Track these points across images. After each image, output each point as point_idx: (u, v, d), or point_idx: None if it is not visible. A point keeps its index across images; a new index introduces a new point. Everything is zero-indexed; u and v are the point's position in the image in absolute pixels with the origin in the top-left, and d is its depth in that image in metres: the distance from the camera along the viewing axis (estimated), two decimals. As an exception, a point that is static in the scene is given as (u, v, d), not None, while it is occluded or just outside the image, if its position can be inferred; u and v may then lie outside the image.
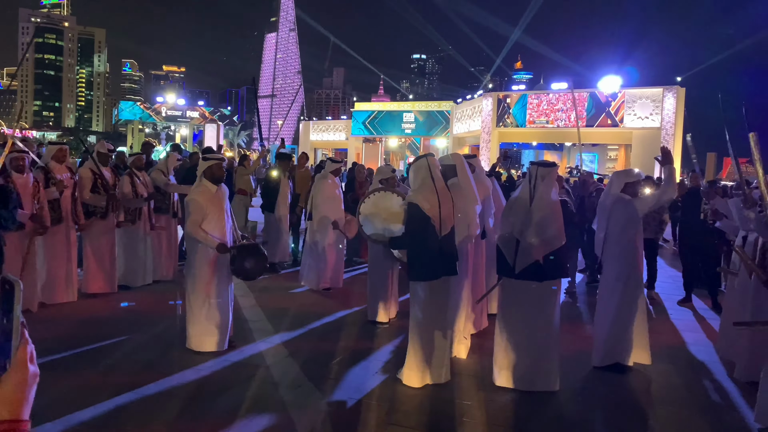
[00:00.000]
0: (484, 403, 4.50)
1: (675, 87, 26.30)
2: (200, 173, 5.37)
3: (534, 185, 4.76)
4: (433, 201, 4.63)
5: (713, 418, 4.42)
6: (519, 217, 4.75)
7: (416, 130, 38.70)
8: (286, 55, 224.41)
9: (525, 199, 4.78)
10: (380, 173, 6.63)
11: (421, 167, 4.77)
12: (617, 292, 5.25)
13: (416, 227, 4.63)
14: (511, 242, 4.75)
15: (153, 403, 4.24)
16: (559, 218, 4.75)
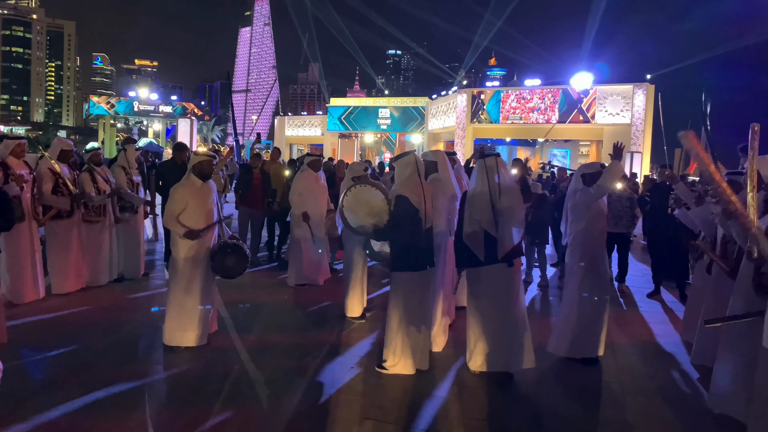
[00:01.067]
0: (460, 396, 4.57)
1: (645, 84, 26.75)
2: (190, 167, 5.43)
3: (492, 176, 4.86)
4: (420, 194, 4.83)
5: (679, 406, 4.56)
6: (486, 210, 4.83)
7: (392, 126, 38.74)
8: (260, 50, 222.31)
9: (485, 192, 4.85)
10: (352, 171, 6.68)
11: (409, 163, 4.94)
12: (581, 285, 5.39)
13: (405, 219, 4.75)
14: (479, 236, 4.85)
15: (126, 402, 4.21)
16: (522, 200, 4.99)
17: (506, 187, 4.88)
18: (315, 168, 8.23)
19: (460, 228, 5.05)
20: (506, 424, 4.14)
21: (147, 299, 7.06)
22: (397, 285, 4.88)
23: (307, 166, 8.19)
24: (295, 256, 8.09)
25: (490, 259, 4.85)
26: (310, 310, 6.88)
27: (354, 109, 40.27)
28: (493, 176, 4.87)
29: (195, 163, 5.40)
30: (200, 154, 5.51)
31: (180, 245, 5.29)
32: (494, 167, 4.90)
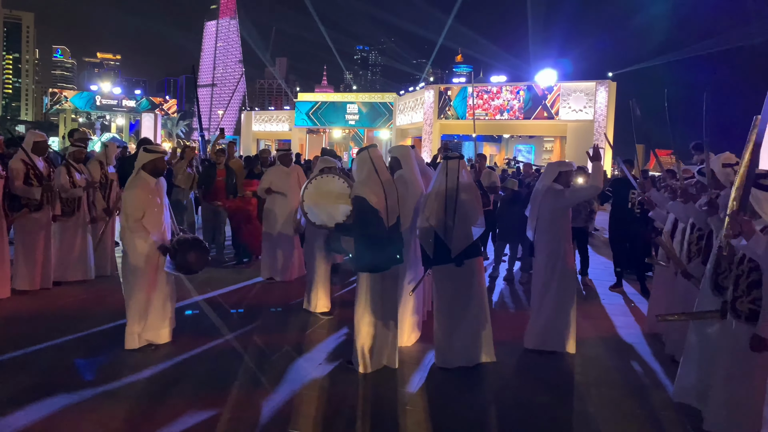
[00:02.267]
0: (427, 391, 4.60)
1: (607, 81, 27.30)
2: (139, 166, 5.18)
3: (452, 177, 4.91)
4: (379, 193, 4.68)
5: (642, 397, 4.67)
6: (438, 211, 4.89)
7: (360, 122, 38.70)
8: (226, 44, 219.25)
9: (442, 193, 4.91)
10: (323, 162, 6.67)
11: (364, 160, 4.79)
12: (548, 280, 5.49)
13: (364, 221, 4.65)
14: (430, 235, 4.93)
15: (90, 406, 4.13)
16: (480, 202, 5.11)
17: (464, 189, 4.92)
18: (285, 162, 8.14)
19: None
20: (472, 418, 4.19)
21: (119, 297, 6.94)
22: (362, 285, 4.83)
23: (278, 161, 8.13)
24: (265, 251, 8.07)
25: (439, 258, 4.92)
26: (278, 307, 6.84)
27: (322, 105, 40.09)
28: (453, 177, 4.90)
29: (148, 161, 5.17)
30: (154, 151, 5.28)
31: (137, 245, 5.08)
32: (456, 169, 4.93)
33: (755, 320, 3.52)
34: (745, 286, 3.66)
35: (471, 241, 4.94)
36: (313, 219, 5.70)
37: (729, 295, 3.80)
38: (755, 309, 3.55)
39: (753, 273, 3.60)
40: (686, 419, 4.20)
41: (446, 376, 4.94)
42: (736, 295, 3.72)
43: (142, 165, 5.17)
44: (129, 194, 5.04)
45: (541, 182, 5.70)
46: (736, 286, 3.73)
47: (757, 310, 3.53)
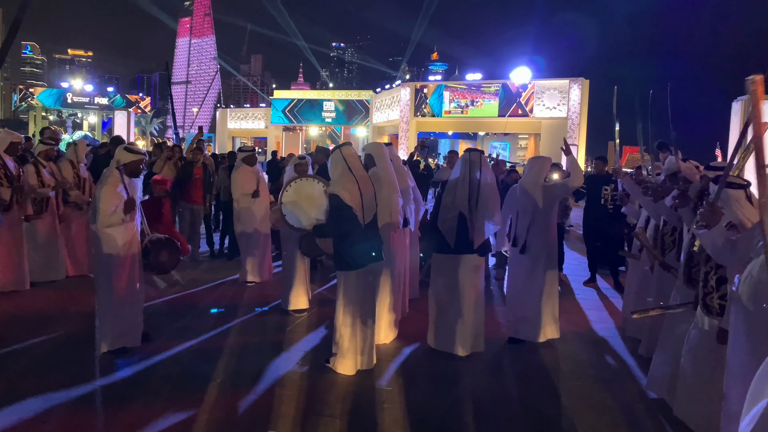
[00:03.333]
0: (404, 388, 4.63)
1: (580, 79, 27.65)
2: (118, 164, 5.07)
3: (477, 169, 5.18)
4: (354, 191, 4.68)
5: (615, 390, 4.75)
6: (464, 199, 5.13)
7: (336, 119, 38.64)
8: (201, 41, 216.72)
9: (466, 183, 5.16)
10: (295, 161, 6.69)
11: (337, 159, 4.80)
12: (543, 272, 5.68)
13: (339, 218, 4.66)
14: (453, 223, 5.17)
15: (64, 410, 4.07)
16: (499, 199, 5.37)
17: (486, 184, 5.19)
18: (250, 163, 8.05)
19: (434, 215, 5.31)
20: (448, 414, 4.23)
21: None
22: (341, 284, 4.85)
23: (242, 162, 8.04)
24: (242, 253, 8.02)
25: (460, 247, 5.18)
26: (255, 307, 6.80)
27: (298, 102, 39.91)
28: (475, 171, 5.16)
29: (130, 161, 5.10)
30: (136, 152, 5.21)
31: (111, 245, 4.97)
32: (477, 162, 5.21)
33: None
34: (713, 282, 3.75)
35: (487, 236, 5.24)
36: (292, 221, 5.69)
37: (700, 289, 3.89)
38: (724, 304, 3.63)
39: (720, 269, 3.69)
40: (659, 411, 4.30)
41: (422, 372, 4.99)
42: (706, 291, 3.80)
43: (122, 164, 5.07)
44: (102, 189, 4.94)
45: (529, 177, 5.73)
46: (706, 283, 3.81)
47: (725, 305, 3.61)
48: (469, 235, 5.16)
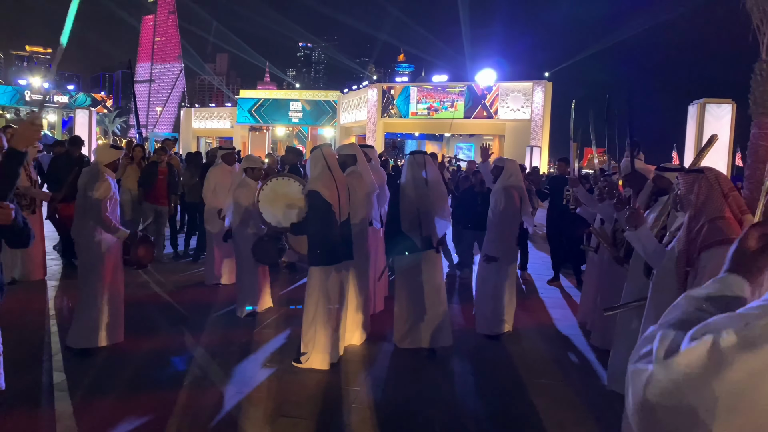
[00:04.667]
0: (372, 388, 4.66)
1: (543, 81, 28.13)
2: (104, 162, 5.09)
3: (423, 169, 5.38)
4: (333, 189, 4.86)
5: (579, 386, 4.88)
6: (414, 202, 5.30)
7: (303, 119, 38.47)
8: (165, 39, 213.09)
9: (412, 185, 5.34)
10: (247, 161, 6.68)
11: (318, 158, 4.96)
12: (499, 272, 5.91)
13: (318, 214, 4.80)
14: (415, 225, 5.32)
15: (32, 410, 3.98)
16: (446, 195, 5.62)
17: (433, 182, 5.36)
18: (229, 162, 7.97)
19: (396, 219, 5.39)
20: (415, 412, 4.27)
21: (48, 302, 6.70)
22: (314, 280, 4.92)
23: (221, 161, 7.97)
24: (208, 255, 7.93)
25: (423, 246, 5.34)
26: (222, 309, 6.74)
27: (264, 102, 39.61)
28: (420, 171, 5.33)
29: (115, 159, 5.17)
30: (119, 148, 5.30)
31: (91, 242, 4.99)
32: (422, 163, 5.37)
33: None
34: None
35: (442, 232, 5.41)
36: (269, 219, 5.72)
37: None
38: None
39: None
40: (620, 406, 4.41)
41: (389, 371, 5.04)
42: None
43: (107, 162, 5.09)
44: (98, 184, 4.92)
45: (507, 181, 5.96)
46: None
47: None
48: (423, 232, 5.32)
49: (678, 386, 1.04)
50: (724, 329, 1.02)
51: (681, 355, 1.06)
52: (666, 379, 1.06)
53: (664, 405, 1.06)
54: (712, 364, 1.00)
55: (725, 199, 2.99)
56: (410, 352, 5.43)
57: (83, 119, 20.19)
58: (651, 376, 1.10)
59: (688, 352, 1.04)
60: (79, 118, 20.56)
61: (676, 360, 1.06)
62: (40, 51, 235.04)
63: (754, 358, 0.96)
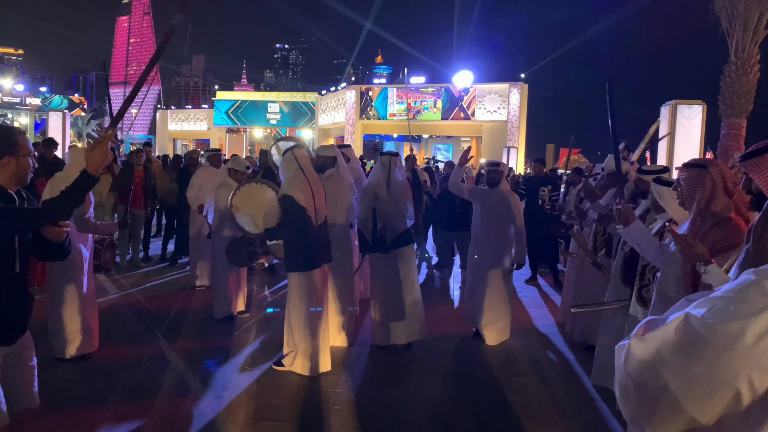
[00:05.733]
0: (353, 389, 4.67)
1: (519, 83, 28.39)
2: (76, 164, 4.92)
3: (389, 172, 5.51)
4: (307, 192, 4.76)
5: (558, 384, 4.94)
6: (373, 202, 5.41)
7: (281, 121, 38.26)
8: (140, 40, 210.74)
9: (374, 185, 5.49)
10: (233, 162, 6.68)
11: (290, 160, 4.85)
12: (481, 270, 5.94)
13: (292, 219, 4.69)
14: (368, 224, 5.46)
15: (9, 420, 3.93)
16: (410, 195, 5.71)
17: (396, 183, 5.44)
18: (215, 164, 7.89)
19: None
20: (396, 413, 4.30)
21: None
22: (294, 285, 4.86)
23: (208, 162, 7.92)
24: (191, 257, 7.86)
25: (376, 245, 5.46)
26: (201, 312, 6.68)
27: (242, 104, 39.33)
28: (386, 172, 5.45)
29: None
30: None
31: (79, 245, 4.89)
32: (388, 164, 5.48)
33: None
34: (651, 275, 3.93)
35: (399, 232, 5.46)
36: (243, 224, 5.67)
37: (636, 282, 4.10)
38: None
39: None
40: (602, 402, 4.49)
41: (370, 373, 5.05)
42: (643, 284, 3.99)
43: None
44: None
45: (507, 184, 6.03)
46: (643, 276, 3.99)
47: None
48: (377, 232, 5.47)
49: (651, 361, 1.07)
50: (697, 309, 1.05)
51: (657, 331, 1.09)
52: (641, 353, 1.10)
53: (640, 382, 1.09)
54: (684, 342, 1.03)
55: (730, 196, 2.85)
56: (390, 353, 5.46)
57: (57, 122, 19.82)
58: (628, 350, 1.13)
59: (664, 329, 1.08)
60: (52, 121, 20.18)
61: (652, 335, 1.10)
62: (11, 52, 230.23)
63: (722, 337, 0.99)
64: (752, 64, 10.88)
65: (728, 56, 11.09)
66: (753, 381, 0.97)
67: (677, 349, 1.04)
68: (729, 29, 10.95)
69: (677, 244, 2.62)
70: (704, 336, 1.01)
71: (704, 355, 0.99)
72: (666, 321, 1.10)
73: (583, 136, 9.06)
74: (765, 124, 13.34)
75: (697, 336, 1.01)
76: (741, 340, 0.97)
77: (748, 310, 0.98)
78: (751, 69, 10.87)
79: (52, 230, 2.57)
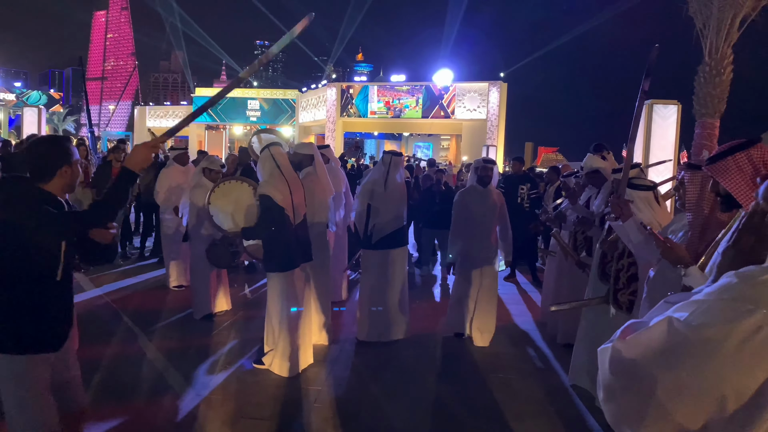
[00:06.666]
0: (333, 387, 4.69)
1: (499, 82, 28.57)
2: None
3: (388, 170, 5.62)
4: (285, 190, 4.71)
5: (537, 380, 5.01)
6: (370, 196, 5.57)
7: (261, 118, 38.01)
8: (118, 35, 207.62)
9: (381, 182, 5.61)
10: (206, 161, 6.63)
11: (267, 159, 4.80)
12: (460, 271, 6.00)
13: (270, 218, 4.64)
14: (363, 220, 5.61)
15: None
16: (405, 196, 5.79)
17: (393, 183, 5.59)
18: (182, 162, 7.89)
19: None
20: (376, 410, 4.33)
21: None
22: (273, 285, 4.83)
23: (174, 161, 7.86)
24: (165, 256, 7.80)
25: (366, 242, 5.60)
26: (179, 312, 6.65)
27: (221, 100, 39.02)
28: (385, 170, 5.61)
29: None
30: None
31: None
32: (389, 163, 5.66)
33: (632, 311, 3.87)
34: (625, 279, 4.01)
35: (388, 232, 5.57)
36: (220, 223, 5.63)
37: (611, 285, 4.16)
38: (634, 300, 3.89)
39: (632, 267, 3.95)
40: (580, 400, 4.55)
41: (350, 370, 5.09)
42: (617, 287, 4.06)
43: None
44: None
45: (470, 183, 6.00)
46: (617, 279, 4.07)
47: (634, 300, 3.88)
48: (369, 228, 5.60)
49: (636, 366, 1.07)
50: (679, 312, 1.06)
51: (640, 335, 1.10)
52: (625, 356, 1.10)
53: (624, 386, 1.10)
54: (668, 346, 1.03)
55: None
56: (371, 351, 5.49)
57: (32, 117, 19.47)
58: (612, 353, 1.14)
59: (647, 332, 1.08)
60: (27, 117, 19.80)
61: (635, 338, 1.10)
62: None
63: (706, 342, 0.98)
64: (725, 65, 11.07)
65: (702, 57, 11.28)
66: (738, 386, 0.96)
67: (662, 354, 1.03)
68: (703, 30, 11.14)
69: (659, 247, 2.65)
70: (688, 341, 1.00)
71: (689, 361, 0.99)
72: (649, 324, 1.10)
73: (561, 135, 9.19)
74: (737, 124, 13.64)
75: (681, 341, 1.01)
76: (725, 346, 0.96)
77: (731, 315, 0.97)
78: (724, 70, 11.07)
79: (99, 232, 2.68)
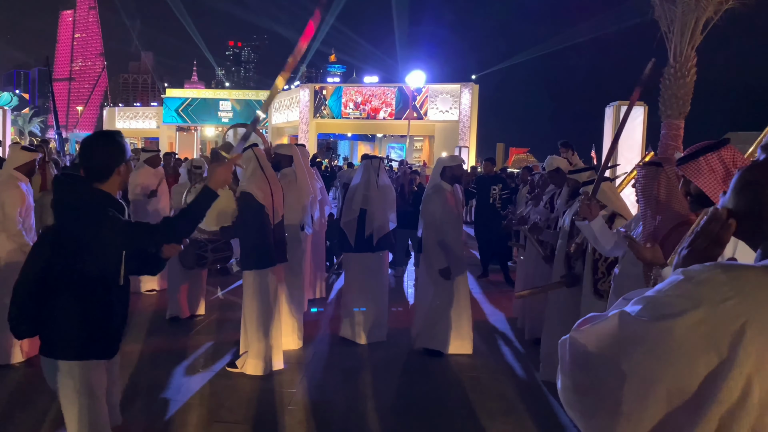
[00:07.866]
0: (308, 389, 4.70)
1: (470, 84, 28.86)
2: (15, 164, 4.83)
3: (378, 174, 5.72)
4: (266, 190, 4.77)
5: (507, 378, 5.08)
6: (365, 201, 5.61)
7: (233, 119, 37.73)
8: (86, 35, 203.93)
9: (374, 186, 5.67)
10: (192, 162, 6.65)
11: (250, 158, 4.85)
12: (431, 283, 5.49)
13: (251, 216, 4.67)
14: (353, 225, 5.64)
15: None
16: (394, 201, 5.94)
17: (383, 186, 5.68)
18: (153, 164, 7.78)
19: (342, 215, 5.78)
20: (350, 411, 4.36)
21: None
22: (249, 285, 4.83)
23: (144, 163, 7.77)
24: None
25: (360, 246, 5.63)
26: (151, 316, 6.58)
27: (192, 101, 38.64)
28: (375, 174, 5.67)
29: (29, 161, 4.88)
30: (33, 151, 5.05)
31: (10, 249, 4.72)
32: (378, 167, 5.76)
33: None
34: (604, 268, 4.06)
35: (381, 234, 5.66)
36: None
37: (578, 269, 4.24)
38: None
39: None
40: (552, 396, 4.62)
41: (324, 372, 5.10)
42: (597, 277, 4.11)
43: (18, 165, 4.84)
44: (12, 194, 4.68)
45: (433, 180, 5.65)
46: (596, 270, 4.10)
47: None
48: (366, 232, 5.63)
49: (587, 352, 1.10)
50: (632, 306, 1.08)
51: (593, 326, 1.12)
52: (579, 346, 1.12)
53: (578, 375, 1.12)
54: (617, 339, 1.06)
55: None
56: (344, 352, 5.51)
57: (-5, 120, 19.00)
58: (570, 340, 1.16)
59: (600, 325, 1.11)
60: (-10, 119, 19.32)
61: (589, 329, 1.13)
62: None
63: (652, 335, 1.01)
64: (689, 67, 11.31)
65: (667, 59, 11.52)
66: (680, 381, 0.99)
67: (610, 346, 1.06)
68: (668, 33, 11.38)
69: (632, 250, 2.69)
70: (636, 334, 1.03)
71: (635, 354, 1.01)
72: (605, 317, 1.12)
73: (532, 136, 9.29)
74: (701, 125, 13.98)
75: (630, 334, 1.04)
76: (667, 341, 0.99)
77: (677, 309, 1.00)
78: (688, 72, 11.30)
79: (170, 248, 2.67)
